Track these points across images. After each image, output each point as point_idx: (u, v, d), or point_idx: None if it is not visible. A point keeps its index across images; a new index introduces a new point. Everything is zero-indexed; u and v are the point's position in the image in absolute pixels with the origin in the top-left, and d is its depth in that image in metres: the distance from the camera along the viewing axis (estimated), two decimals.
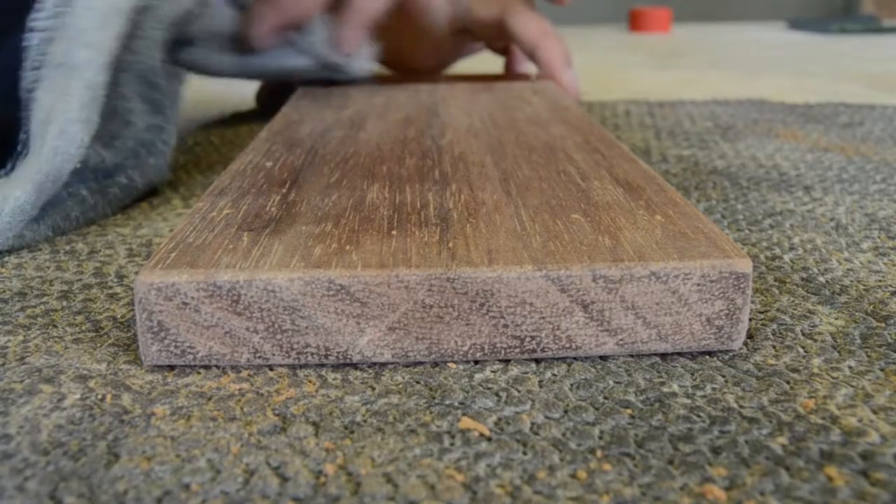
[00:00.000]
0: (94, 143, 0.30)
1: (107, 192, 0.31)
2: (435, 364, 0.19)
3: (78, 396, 0.18)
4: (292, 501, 0.15)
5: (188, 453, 0.16)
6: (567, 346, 0.19)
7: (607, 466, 0.16)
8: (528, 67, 0.58)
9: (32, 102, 0.28)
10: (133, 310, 0.23)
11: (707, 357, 0.20)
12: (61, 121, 0.28)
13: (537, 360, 0.20)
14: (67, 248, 0.28)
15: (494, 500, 0.15)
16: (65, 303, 0.23)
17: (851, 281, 0.24)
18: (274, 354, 0.19)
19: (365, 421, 0.17)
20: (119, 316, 0.22)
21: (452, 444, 0.16)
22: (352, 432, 0.17)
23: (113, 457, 0.16)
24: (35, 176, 0.27)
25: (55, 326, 0.22)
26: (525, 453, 0.16)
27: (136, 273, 0.23)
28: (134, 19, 0.32)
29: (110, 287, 0.24)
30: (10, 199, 0.26)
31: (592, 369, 0.19)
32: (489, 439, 0.16)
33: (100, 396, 0.18)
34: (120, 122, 0.32)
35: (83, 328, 0.22)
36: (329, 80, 0.47)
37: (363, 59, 0.48)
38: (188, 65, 0.44)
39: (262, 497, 0.15)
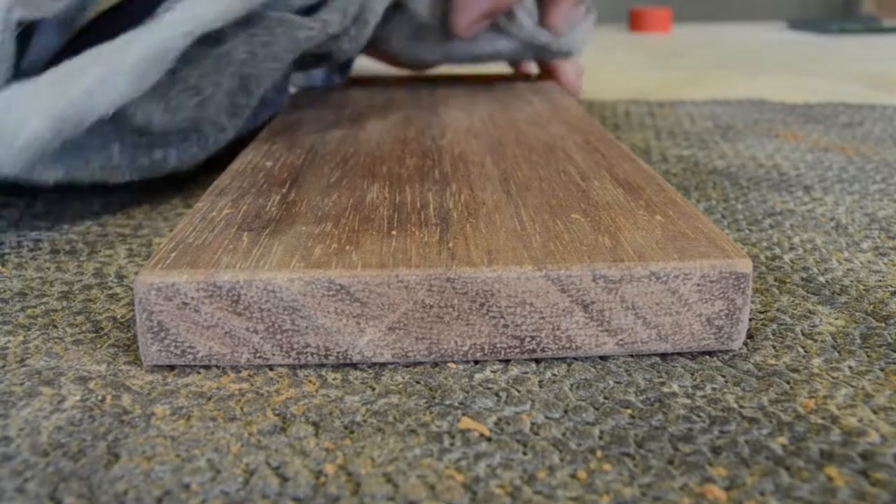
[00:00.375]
0: (150, 101, 0.29)
1: (137, 160, 0.30)
2: (435, 364, 0.19)
3: (78, 398, 0.18)
4: (292, 501, 0.15)
5: (188, 453, 0.16)
6: (567, 346, 0.19)
7: (607, 466, 0.16)
8: (532, 66, 0.58)
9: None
10: (133, 310, 0.23)
11: (707, 357, 0.20)
12: (107, 66, 0.26)
13: (537, 360, 0.20)
14: (67, 248, 0.28)
15: (494, 500, 0.15)
16: (65, 303, 0.23)
17: (851, 281, 0.24)
18: (274, 354, 0.19)
19: (365, 421, 0.17)
20: (119, 316, 0.22)
21: (452, 444, 0.16)
22: (352, 432, 0.17)
23: (113, 457, 0.16)
24: (56, 110, 0.26)
25: (55, 327, 0.22)
26: (525, 453, 0.16)
27: (136, 273, 0.23)
28: (266, 25, 0.32)
29: (110, 287, 0.24)
30: (28, 127, 0.25)
31: (592, 369, 0.19)
32: (489, 439, 0.16)
33: (100, 397, 0.18)
34: (188, 99, 0.31)
35: (83, 328, 0.22)
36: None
37: (577, 35, 0.47)
38: (385, 55, 0.44)
39: (262, 497, 0.15)
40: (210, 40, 0.31)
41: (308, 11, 0.35)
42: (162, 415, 0.17)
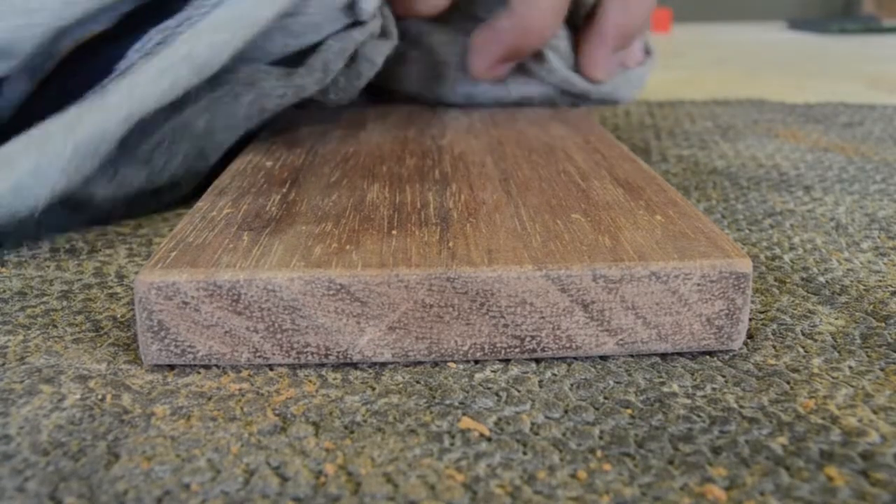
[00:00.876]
0: (98, 179, 0.28)
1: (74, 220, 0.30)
2: (435, 364, 0.19)
3: (78, 396, 0.18)
4: (292, 501, 0.15)
5: (188, 453, 0.16)
6: (567, 345, 0.19)
7: (607, 466, 0.16)
8: None
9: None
10: (133, 309, 0.23)
11: (707, 357, 0.20)
12: (41, 157, 0.25)
13: (537, 360, 0.20)
14: (67, 247, 0.28)
15: (494, 500, 0.15)
16: (65, 302, 0.23)
17: (851, 281, 0.24)
18: (274, 354, 0.19)
19: (365, 421, 0.17)
20: (119, 316, 0.22)
21: (452, 444, 0.16)
22: (352, 432, 0.17)
23: (113, 457, 0.16)
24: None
25: (55, 326, 0.22)
26: (525, 453, 0.16)
27: (136, 273, 0.23)
28: (232, 90, 0.30)
29: (110, 287, 0.24)
30: None
31: (592, 369, 0.19)
32: (489, 439, 0.16)
33: (100, 396, 0.18)
34: (137, 172, 0.29)
35: (83, 328, 0.22)
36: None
37: (629, 79, 0.41)
38: (402, 95, 0.40)
39: (262, 497, 0.15)
40: (168, 105, 0.28)
41: (289, 62, 0.32)
42: (162, 414, 0.17)
